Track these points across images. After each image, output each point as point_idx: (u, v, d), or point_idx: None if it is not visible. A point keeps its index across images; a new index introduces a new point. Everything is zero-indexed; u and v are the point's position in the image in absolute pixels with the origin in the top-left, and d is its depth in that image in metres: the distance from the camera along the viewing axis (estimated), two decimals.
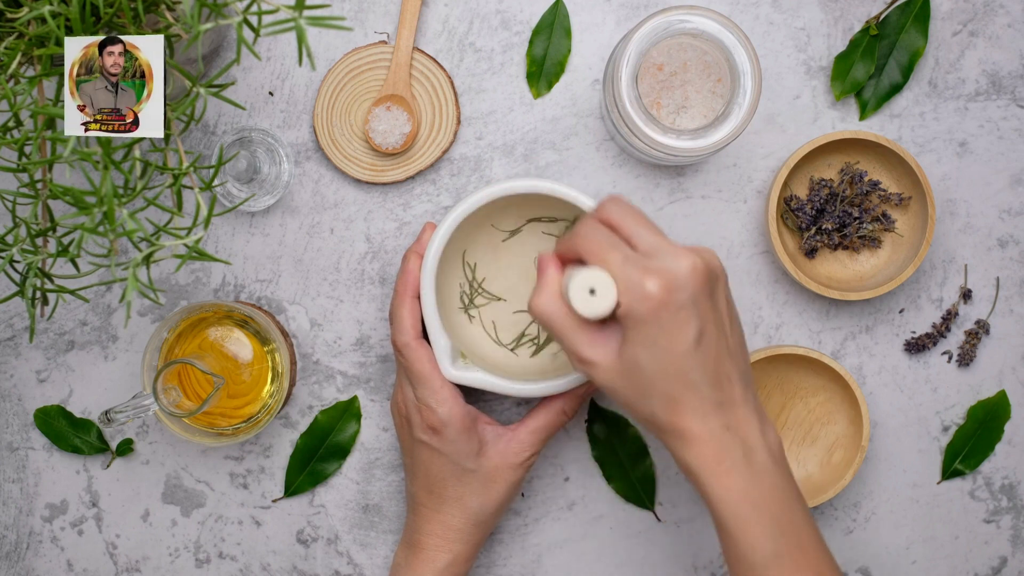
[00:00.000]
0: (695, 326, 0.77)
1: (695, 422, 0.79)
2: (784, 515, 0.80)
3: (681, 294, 0.77)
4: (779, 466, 0.81)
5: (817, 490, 0.97)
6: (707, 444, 0.79)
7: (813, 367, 0.98)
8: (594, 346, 0.80)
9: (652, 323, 0.77)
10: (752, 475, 0.79)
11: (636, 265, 0.77)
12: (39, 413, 1.01)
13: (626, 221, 0.80)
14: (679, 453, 0.80)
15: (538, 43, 0.99)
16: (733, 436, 0.79)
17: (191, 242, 0.78)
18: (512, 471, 0.94)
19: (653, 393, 0.79)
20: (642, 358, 0.78)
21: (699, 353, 0.78)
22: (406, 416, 0.94)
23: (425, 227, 0.95)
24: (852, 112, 1.00)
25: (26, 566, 1.02)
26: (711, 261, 0.79)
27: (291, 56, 1.00)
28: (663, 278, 0.77)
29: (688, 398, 0.79)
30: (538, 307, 0.80)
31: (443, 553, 0.93)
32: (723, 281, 0.81)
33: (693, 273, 0.77)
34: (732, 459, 0.79)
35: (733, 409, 0.80)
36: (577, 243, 0.81)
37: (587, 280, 0.78)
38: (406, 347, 0.92)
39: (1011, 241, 1.00)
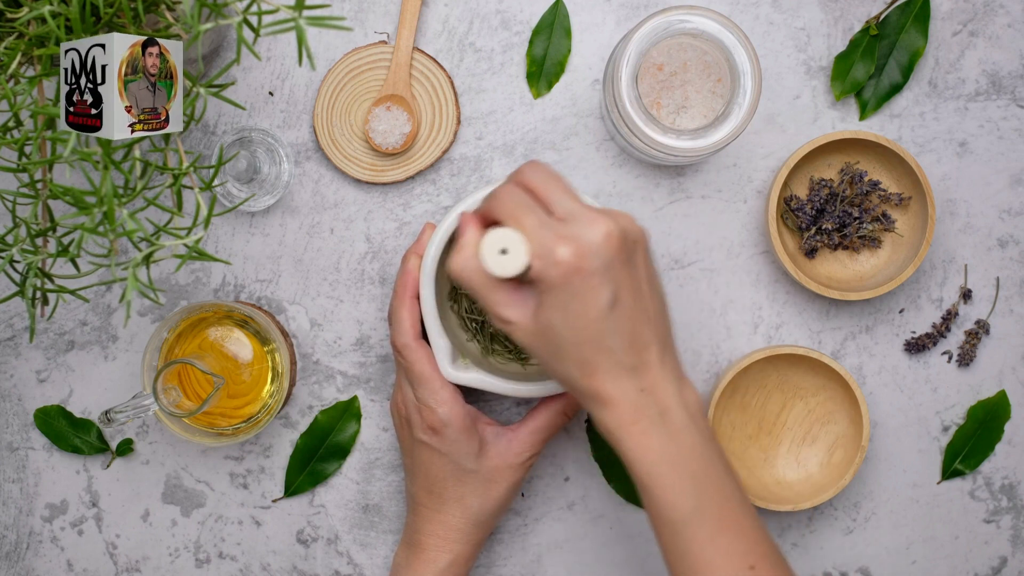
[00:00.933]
0: (608, 292, 0.78)
1: (609, 385, 0.79)
2: (703, 472, 0.80)
3: (594, 260, 0.77)
4: (697, 425, 0.81)
5: (817, 490, 0.97)
6: (622, 406, 0.80)
7: (813, 367, 0.98)
8: (511, 306, 0.80)
9: (564, 288, 0.77)
10: (668, 434, 0.80)
11: (550, 230, 0.78)
12: (39, 413, 1.01)
13: (545, 186, 0.80)
14: (597, 415, 0.81)
15: (538, 43, 0.99)
16: (648, 397, 0.80)
17: (191, 242, 0.78)
18: (512, 471, 0.94)
19: (568, 357, 0.79)
20: (556, 322, 0.78)
21: (613, 318, 0.78)
22: (406, 417, 0.94)
23: (425, 227, 0.95)
24: (852, 112, 1.00)
25: (26, 566, 1.02)
26: (627, 227, 0.79)
27: (291, 56, 1.00)
28: (575, 244, 0.77)
29: (602, 362, 0.79)
30: (456, 266, 0.80)
31: (444, 553, 0.93)
32: (642, 246, 0.81)
33: (607, 239, 0.77)
34: (648, 419, 0.80)
35: (648, 372, 0.80)
36: (493, 205, 0.81)
37: (498, 240, 0.78)
38: (406, 348, 0.92)
39: (1011, 241, 1.00)
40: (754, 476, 0.99)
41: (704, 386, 1.01)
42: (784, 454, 1.00)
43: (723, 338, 1.00)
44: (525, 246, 0.78)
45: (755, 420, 1.00)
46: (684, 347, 1.00)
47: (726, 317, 1.00)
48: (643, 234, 0.81)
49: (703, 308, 1.00)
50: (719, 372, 1.01)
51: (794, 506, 0.96)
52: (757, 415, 1.00)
